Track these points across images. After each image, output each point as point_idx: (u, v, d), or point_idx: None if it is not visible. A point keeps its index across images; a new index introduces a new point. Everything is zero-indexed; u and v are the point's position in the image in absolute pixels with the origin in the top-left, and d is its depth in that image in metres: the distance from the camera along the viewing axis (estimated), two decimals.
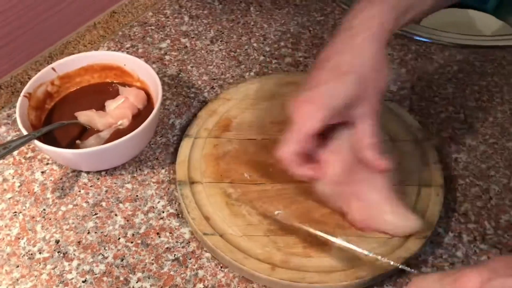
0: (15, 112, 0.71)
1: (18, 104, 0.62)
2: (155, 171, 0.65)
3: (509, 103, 0.73)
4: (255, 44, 0.82)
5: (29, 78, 0.74)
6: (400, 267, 0.53)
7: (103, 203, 0.62)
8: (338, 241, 0.55)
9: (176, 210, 0.61)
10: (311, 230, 0.56)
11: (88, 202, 0.62)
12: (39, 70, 0.74)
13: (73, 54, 0.78)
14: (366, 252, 0.53)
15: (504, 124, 0.71)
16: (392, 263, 0.53)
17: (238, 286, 0.54)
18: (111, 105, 0.66)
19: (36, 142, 0.59)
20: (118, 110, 0.65)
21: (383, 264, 0.53)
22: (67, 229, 0.59)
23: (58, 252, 0.57)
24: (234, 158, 0.64)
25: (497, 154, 0.67)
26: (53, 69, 0.67)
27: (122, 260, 0.57)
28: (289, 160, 0.53)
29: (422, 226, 0.56)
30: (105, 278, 0.55)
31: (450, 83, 0.76)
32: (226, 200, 0.60)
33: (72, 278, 0.55)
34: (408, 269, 0.52)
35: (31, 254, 0.57)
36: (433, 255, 0.57)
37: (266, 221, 0.58)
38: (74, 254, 0.57)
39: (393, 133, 0.67)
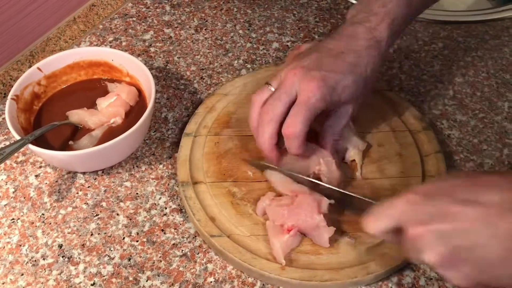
0: (0, 115, 0.69)
1: (6, 108, 0.60)
2: (152, 167, 0.64)
3: (494, 77, 0.75)
4: (240, 31, 0.81)
5: (11, 79, 0.72)
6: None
7: (103, 203, 0.61)
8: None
9: (179, 205, 0.60)
10: None
11: (87, 204, 0.61)
12: (21, 70, 0.72)
13: (55, 51, 0.77)
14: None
15: (491, 97, 0.72)
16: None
17: (248, 277, 0.55)
18: (102, 103, 0.64)
19: (31, 146, 0.57)
20: (110, 108, 0.63)
21: (393, 259, 0.54)
22: (69, 233, 0.58)
23: (62, 256, 0.56)
24: (236, 156, 0.63)
25: (487, 128, 0.69)
26: (38, 68, 0.64)
27: (129, 260, 0.56)
28: (271, 124, 0.54)
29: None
30: (114, 280, 0.54)
31: (437, 60, 0.77)
32: (231, 200, 0.59)
33: (80, 282, 0.54)
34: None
35: (35, 260, 0.56)
36: None
37: None
38: (79, 258, 0.56)
39: (393, 124, 0.66)
